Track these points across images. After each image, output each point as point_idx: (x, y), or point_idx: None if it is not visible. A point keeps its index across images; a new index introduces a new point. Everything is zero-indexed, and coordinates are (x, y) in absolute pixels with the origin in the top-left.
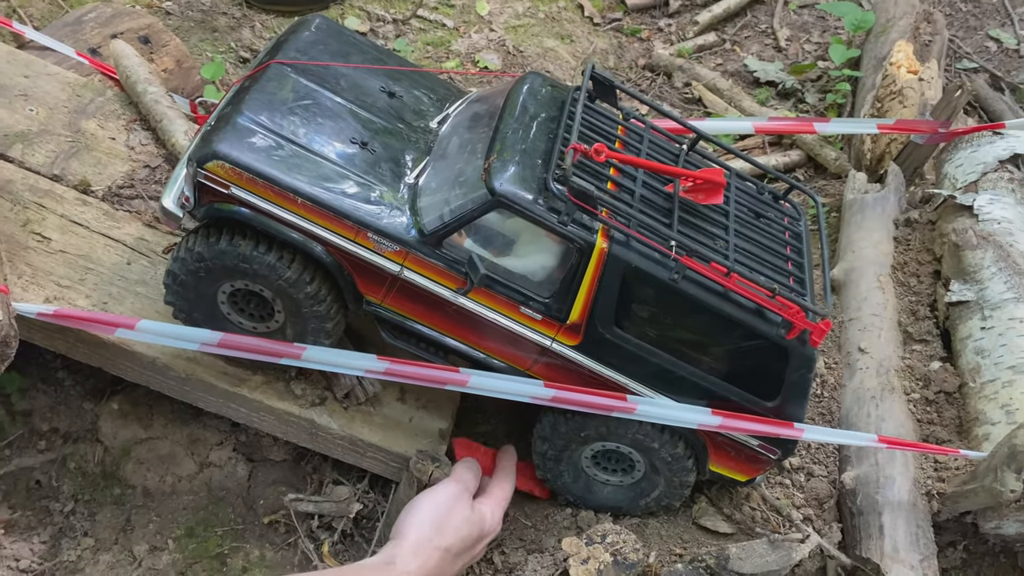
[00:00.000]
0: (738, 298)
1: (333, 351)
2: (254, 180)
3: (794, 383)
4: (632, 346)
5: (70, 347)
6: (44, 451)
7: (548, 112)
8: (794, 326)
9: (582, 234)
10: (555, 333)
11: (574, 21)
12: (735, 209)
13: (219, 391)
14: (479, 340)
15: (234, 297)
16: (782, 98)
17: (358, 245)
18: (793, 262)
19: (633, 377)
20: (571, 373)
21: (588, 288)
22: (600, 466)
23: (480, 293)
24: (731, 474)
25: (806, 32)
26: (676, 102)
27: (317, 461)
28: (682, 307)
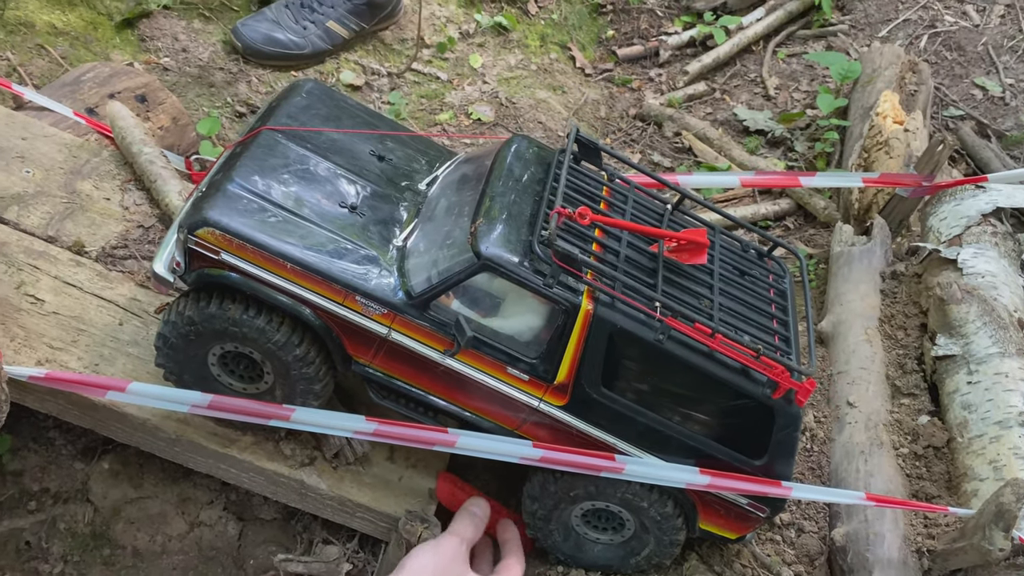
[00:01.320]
0: (723, 358)
1: (321, 412)
2: (244, 246)
3: (780, 442)
4: (619, 406)
5: (61, 409)
6: (34, 512)
7: (534, 175)
8: (779, 386)
9: (568, 296)
10: (542, 393)
11: (566, 72)
12: (719, 267)
13: (209, 452)
14: (467, 400)
15: (224, 359)
16: (772, 146)
17: (346, 308)
18: (778, 320)
19: (621, 437)
20: (559, 433)
21: (574, 349)
22: (590, 524)
23: (467, 354)
24: (721, 532)
25: (795, 81)
26: (667, 151)
27: (307, 520)
28: (668, 367)
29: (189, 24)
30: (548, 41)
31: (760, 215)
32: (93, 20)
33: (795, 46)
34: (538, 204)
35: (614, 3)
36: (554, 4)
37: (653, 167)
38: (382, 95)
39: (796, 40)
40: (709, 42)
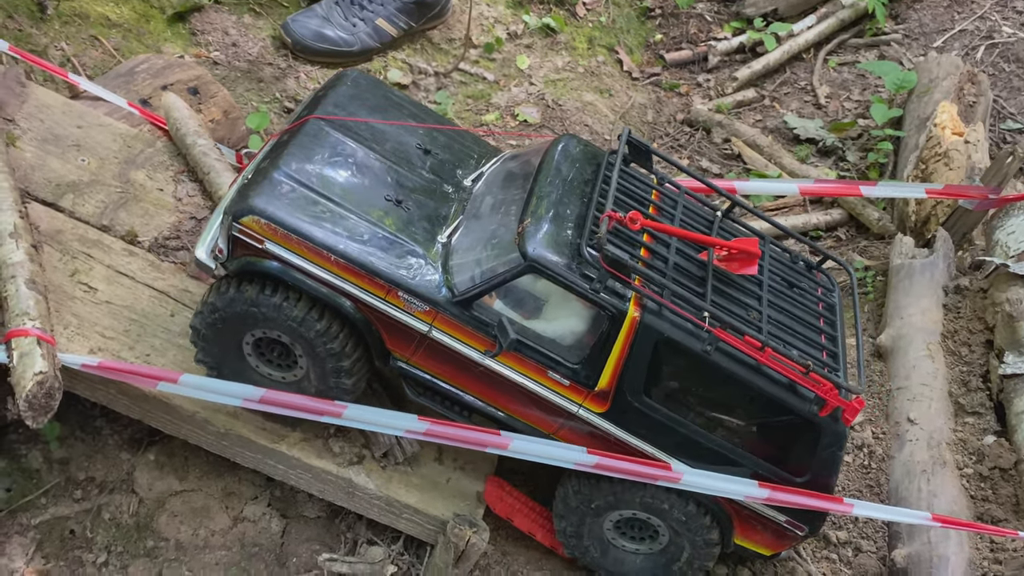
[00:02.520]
0: (770, 372)
1: (374, 410)
2: (289, 236)
3: (824, 460)
4: (661, 416)
5: (111, 399)
6: (79, 500)
7: (582, 175)
8: (827, 403)
9: (614, 302)
10: (582, 399)
11: (613, 75)
12: (768, 279)
13: (257, 447)
14: (505, 402)
15: (259, 346)
16: (822, 156)
17: (388, 304)
18: (826, 335)
19: (660, 447)
20: (596, 439)
21: (618, 356)
22: (624, 535)
23: (508, 356)
24: (756, 548)
25: (846, 90)
26: (715, 158)
27: (351, 519)
28: (713, 379)
29: (240, 19)
30: (596, 44)
31: (811, 225)
32: (145, 13)
33: (847, 55)
34: (586, 205)
35: (663, 7)
36: (602, 7)
37: (702, 173)
38: (428, 94)
39: (848, 49)
40: (759, 48)
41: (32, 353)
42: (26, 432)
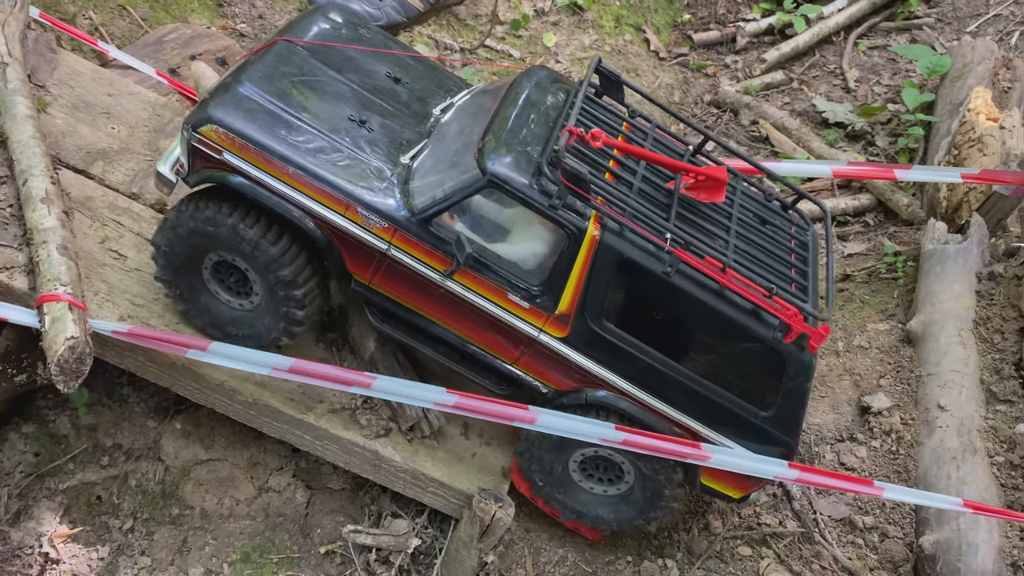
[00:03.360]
0: (734, 297)
1: (403, 382)
2: (246, 146)
3: (791, 392)
4: (622, 342)
5: (140, 366)
6: (106, 467)
7: (552, 103)
8: (791, 329)
9: (574, 219)
10: (543, 323)
11: (640, 55)
12: (739, 212)
13: (285, 417)
14: (466, 328)
15: (217, 269)
16: (851, 140)
17: (347, 219)
18: (797, 269)
19: (621, 375)
20: (558, 367)
21: (578, 277)
22: (589, 476)
23: (467, 277)
24: (724, 489)
25: (876, 74)
26: (742, 140)
27: (376, 492)
28: (675, 303)
29: None
30: (623, 22)
31: (839, 209)
32: None
33: (877, 38)
34: (551, 129)
35: None
36: None
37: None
38: (454, 70)
39: (878, 32)
40: (788, 30)
41: (64, 318)
42: (54, 398)
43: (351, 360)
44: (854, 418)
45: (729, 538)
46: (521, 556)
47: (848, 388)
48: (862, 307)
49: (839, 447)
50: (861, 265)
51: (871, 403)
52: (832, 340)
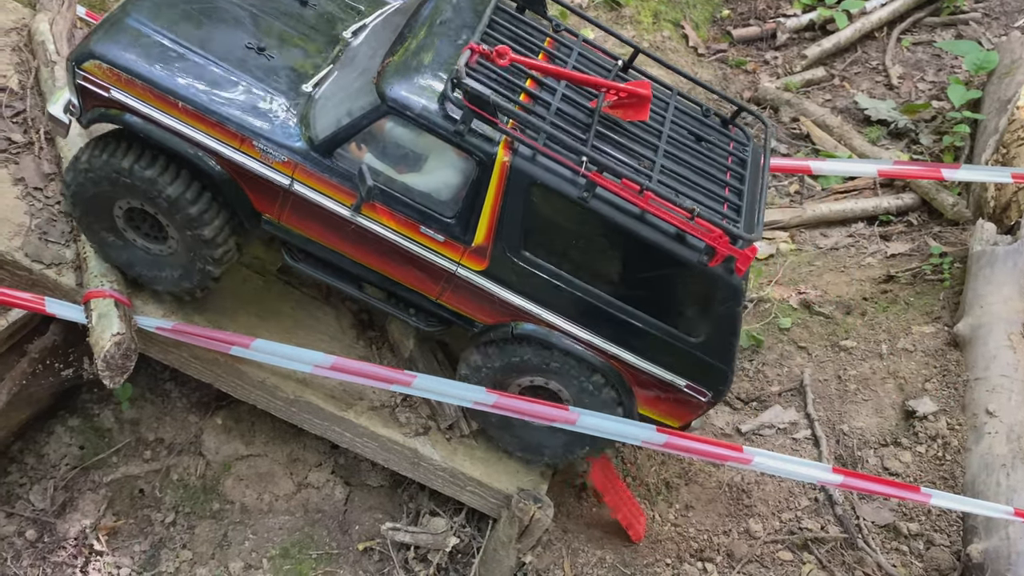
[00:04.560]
0: (657, 221)
1: (443, 380)
2: (132, 82)
3: (720, 317)
4: (543, 272)
5: (183, 362)
6: (149, 460)
7: (463, 21)
8: (717, 252)
9: (482, 145)
10: (460, 257)
11: (678, 51)
12: (670, 130)
13: (326, 414)
14: (383, 265)
15: (131, 217)
16: (894, 138)
17: (244, 155)
18: (732, 188)
19: (546, 307)
20: (483, 301)
21: (492, 207)
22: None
23: (378, 211)
24: (662, 419)
25: (920, 70)
26: (783, 137)
27: (414, 489)
28: (595, 229)
29: None
30: (661, 18)
31: (882, 209)
32: None
33: (921, 34)
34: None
35: None
36: None
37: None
38: None
39: (923, 28)
40: (829, 26)
41: (110, 314)
42: (99, 392)
43: (391, 358)
44: (898, 422)
45: (770, 542)
46: (559, 557)
47: (892, 392)
48: (906, 309)
49: (883, 452)
50: (905, 266)
51: (916, 407)
52: (875, 342)
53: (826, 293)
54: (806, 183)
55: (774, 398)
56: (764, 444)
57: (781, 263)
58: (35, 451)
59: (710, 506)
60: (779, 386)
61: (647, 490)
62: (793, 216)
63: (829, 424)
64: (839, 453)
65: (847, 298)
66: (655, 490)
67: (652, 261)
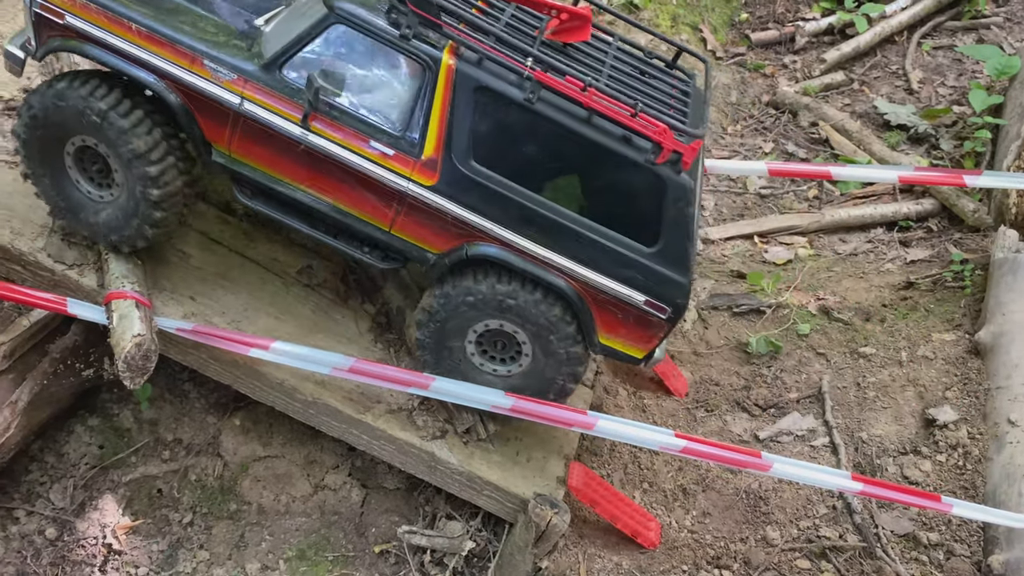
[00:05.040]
0: (603, 123)
1: (460, 383)
2: (87, 6)
3: (673, 220)
4: (494, 184)
5: (202, 363)
6: (167, 461)
7: None
8: (663, 148)
9: (427, 49)
10: (410, 171)
11: None
12: (613, 61)
13: (343, 416)
14: (334, 190)
15: (80, 159)
16: (914, 143)
17: (195, 75)
18: (676, 111)
19: (498, 221)
20: (435, 223)
21: (439, 115)
22: (487, 355)
23: (326, 125)
24: (626, 349)
25: (940, 75)
26: (801, 142)
27: (430, 493)
28: (543, 135)
29: None
30: (680, 21)
31: (901, 214)
32: None
33: (942, 38)
34: None
35: None
36: None
37: (787, 157)
38: None
39: (943, 32)
40: (849, 30)
41: (130, 315)
42: (118, 392)
43: (408, 361)
44: (918, 430)
45: (787, 550)
46: (575, 562)
47: (912, 399)
48: (927, 316)
49: (902, 460)
50: (925, 272)
51: (936, 416)
52: (895, 350)
53: (845, 299)
54: (825, 188)
55: (792, 405)
56: (782, 451)
57: (800, 268)
58: (55, 450)
59: (727, 513)
60: (797, 393)
61: (664, 496)
62: (812, 221)
63: (848, 431)
64: (857, 461)
65: (866, 304)
66: (672, 496)
67: (601, 165)
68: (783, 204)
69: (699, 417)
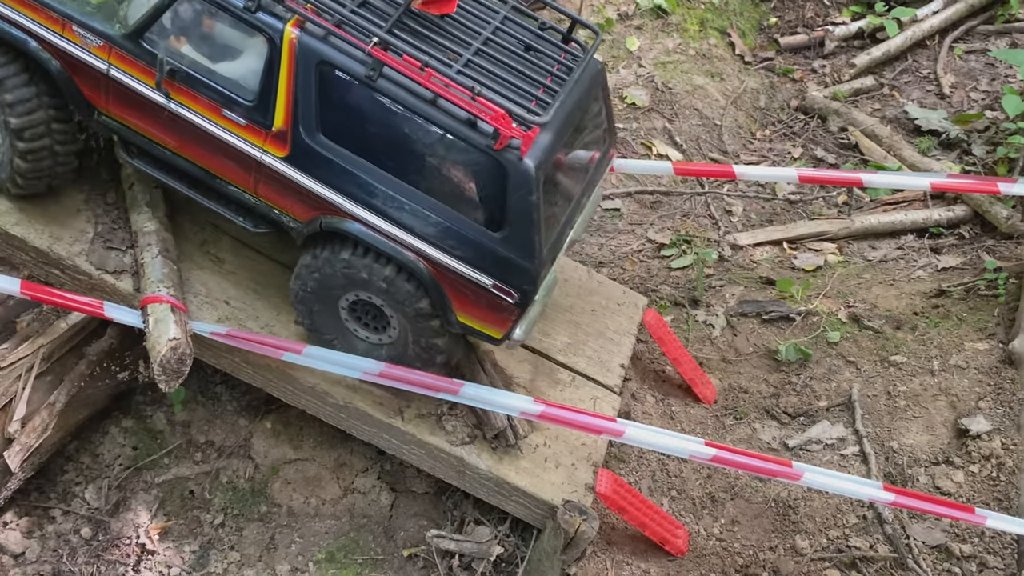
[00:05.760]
0: (448, 105)
1: (490, 389)
2: None
3: (516, 208)
4: (341, 159)
5: (236, 367)
6: (199, 463)
7: None
8: (501, 134)
9: (271, 22)
10: (263, 142)
11: (724, 59)
12: (494, 34)
13: (374, 421)
14: (202, 156)
15: None
16: (945, 149)
17: (66, 40)
18: (547, 90)
19: (348, 195)
20: (292, 193)
21: (286, 87)
22: (360, 321)
23: (184, 94)
24: (483, 328)
25: (973, 79)
26: (831, 147)
27: (458, 497)
28: (387, 114)
29: None
30: (708, 26)
31: (932, 221)
32: None
33: (975, 42)
34: None
35: None
36: None
37: (816, 163)
38: None
39: (976, 36)
40: (879, 34)
41: (166, 319)
42: (152, 395)
43: None
44: (950, 441)
45: (816, 559)
46: (604, 569)
47: (943, 409)
48: (959, 325)
49: (934, 470)
50: (957, 280)
51: (969, 426)
52: (926, 358)
53: (875, 307)
54: (855, 194)
55: (822, 413)
56: (811, 460)
57: (829, 275)
58: (91, 451)
59: (756, 521)
60: (827, 401)
61: (692, 503)
62: (841, 228)
63: (878, 441)
64: (888, 471)
65: (897, 312)
66: (700, 504)
67: (447, 148)
68: (812, 210)
69: (728, 425)
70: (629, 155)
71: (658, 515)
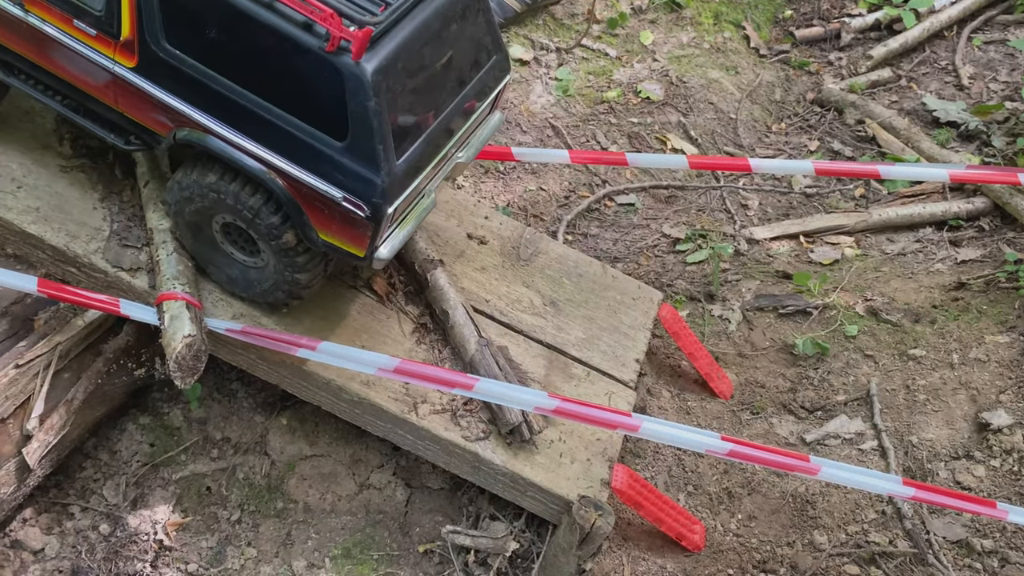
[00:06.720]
0: (284, 8)
1: (505, 385)
2: None
3: (356, 114)
4: (186, 67)
5: (251, 364)
6: (216, 459)
7: None
8: (332, 36)
9: None
10: (113, 52)
11: (739, 52)
12: None
13: (389, 416)
14: (63, 69)
15: None
16: (964, 140)
17: None
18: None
19: (196, 105)
20: (147, 106)
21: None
22: (233, 242)
23: (37, 5)
24: (345, 246)
25: (992, 70)
26: (847, 140)
27: (473, 493)
28: (225, 17)
29: None
30: (722, 19)
31: (951, 213)
32: None
33: (993, 32)
34: None
35: None
36: None
37: (833, 156)
38: (550, 70)
39: (995, 26)
40: (896, 25)
41: (181, 316)
42: (169, 391)
43: (452, 361)
44: (971, 435)
45: (835, 555)
46: (619, 564)
47: (964, 403)
48: (979, 318)
49: (954, 464)
50: (977, 273)
51: (990, 420)
52: (946, 352)
53: (893, 300)
54: (872, 186)
55: (840, 407)
56: (829, 454)
57: (846, 269)
58: (108, 447)
59: (773, 516)
60: (845, 395)
61: (708, 499)
62: (858, 220)
63: (897, 435)
64: (907, 465)
65: (915, 305)
66: (717, 499)
67: (286, 52)
68: (829, 203)
69: (744, 419)
70: (644, 150)
71: (674, 510)
